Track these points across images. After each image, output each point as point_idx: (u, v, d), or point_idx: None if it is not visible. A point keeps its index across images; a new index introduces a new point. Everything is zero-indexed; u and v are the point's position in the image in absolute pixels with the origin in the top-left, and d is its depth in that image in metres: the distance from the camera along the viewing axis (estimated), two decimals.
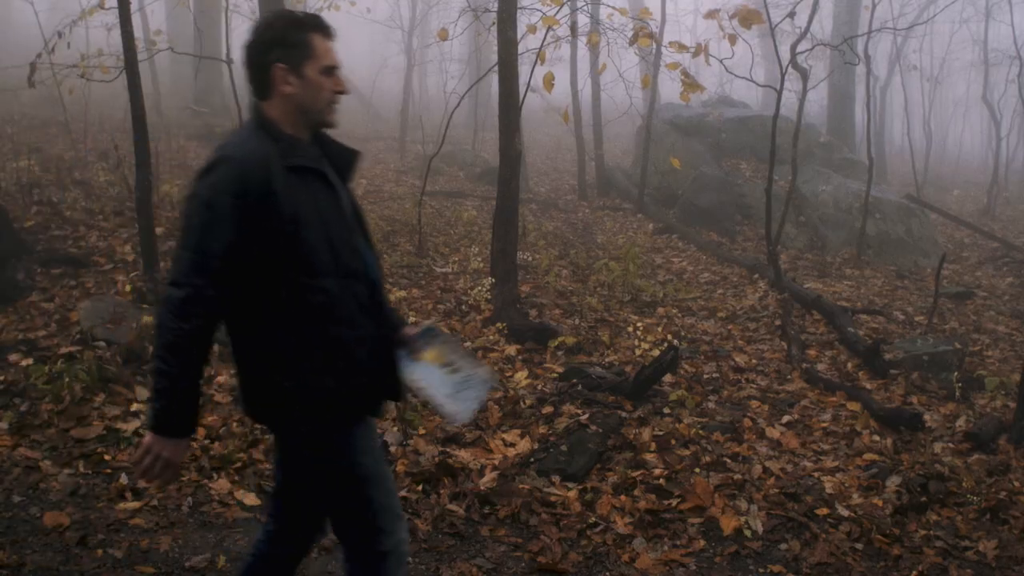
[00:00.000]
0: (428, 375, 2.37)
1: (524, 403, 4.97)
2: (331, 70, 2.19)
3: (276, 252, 2.08)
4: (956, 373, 5.91)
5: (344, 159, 2.30)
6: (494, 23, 6.83)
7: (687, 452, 4.51)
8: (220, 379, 5.01)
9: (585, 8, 10.14)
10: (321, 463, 2.24)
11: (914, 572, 3.58)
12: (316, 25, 2.19)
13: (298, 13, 2.23)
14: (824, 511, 4.02)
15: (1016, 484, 4.38)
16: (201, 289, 2.03)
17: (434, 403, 2.38)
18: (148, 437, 2.08)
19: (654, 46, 9.98)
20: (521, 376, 5.37)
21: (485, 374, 2.46)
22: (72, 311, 5.47)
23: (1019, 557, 3.76)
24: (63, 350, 4.90)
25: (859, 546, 3.76)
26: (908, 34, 17.14)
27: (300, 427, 2.20)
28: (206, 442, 4.28)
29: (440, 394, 2.35)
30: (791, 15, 8.34)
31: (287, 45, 2.15)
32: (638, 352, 6.00)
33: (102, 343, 4.98)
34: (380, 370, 2.27)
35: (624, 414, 4.87)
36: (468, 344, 5.89)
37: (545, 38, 7.49)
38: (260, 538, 2.43)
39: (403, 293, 6.58)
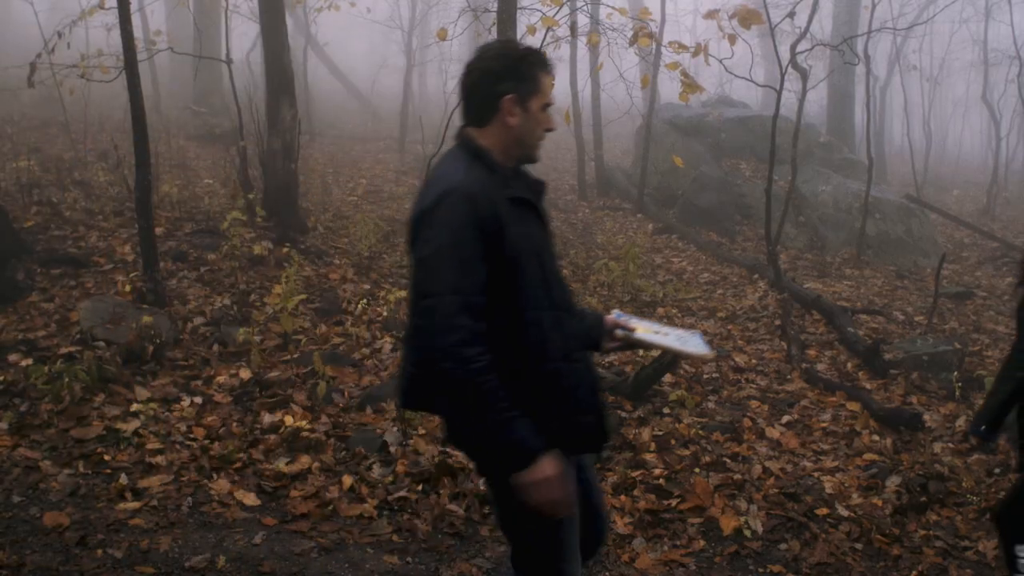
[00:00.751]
0: (654, 338, 2.48)
1: None
2: (548, 107, 2.20)
3: (499, 285, 2.03)
4: (956, 373, 5.91)
5: (537, 190, 2.27)
6: (494, 23, 6.83)
7: (687, 452, 4.51)
8: (220, 379, 5.01)
9: (585, 8, 10.14)
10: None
11: (914, 572, 3.58)
12: (543, 62, 2.20)
13: (527, 47, 2.24)
14: (824, 511, 4.03)
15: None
16: (472, 328, 1.97)
17: (678, 352, 2.48)
18: (519, 478, 2.01)
19: (654, 46, 9.98)
20: None
21: (687, 330, 2.59)
22: (72, 311, 5.47)
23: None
24: (63, 350, 4.90)
25: (859, 546, 3.77)
26: (908, 34, 17.13)
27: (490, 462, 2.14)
28: (206, 442, 4.28)
29: (677, 345, 2.47)
30: (791, 15, 8.34)
31: (518, 78, 2.14)
32: (638, 352, 6.00)
33: (102, 343, 4.98)
34: (591, 409, 2.20)
35: (624, 414, 4.87)
36: None
37: (545, 38, 7.49)
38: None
39: (403, 293, 6.58)
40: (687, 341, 2.50)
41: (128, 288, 5.89)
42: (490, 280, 2.01)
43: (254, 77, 13.17)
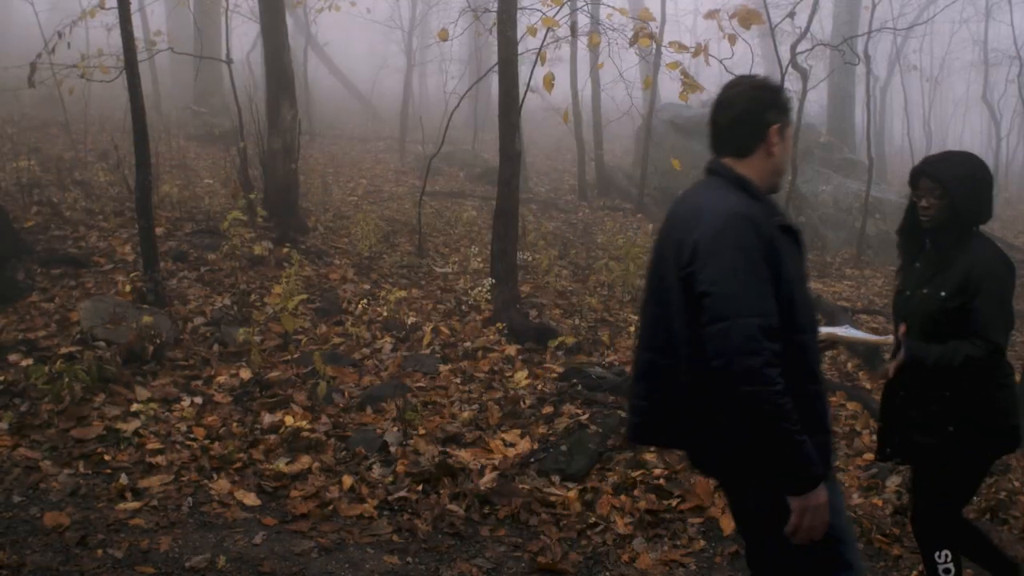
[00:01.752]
0: (848, 332, 3.03)
1: (524, 403, 4.97)
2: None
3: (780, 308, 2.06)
4: None
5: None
6: (494, 23, 6.83)
7: None
8: (220, 379, 5.01)
9: (585, 8, 10.14)
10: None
11: (914, 572, 3.57)
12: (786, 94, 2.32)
13: (776, 82, 2.29)
14: None
15: (1016, 484, 4.38)
16: (772, 349, 1.99)
17: (872, 342, 3.23)
18: (798, 502, 2.04)
19: (654, 46, 9.98)
20: (521, 376, 5.36)
21: (840, 327, 3.13)
22: (72, 311, 5.47)
23: (1019, 557, 3.76)
24: (63, 350, 4.90)
25: (859, 546, 3.76)
26: (908, 34, 17.13)
27: (773, 484, 2.14)
28: (206, 442, 4.28)
29: (862, 336, 3.17)
30: (791, 15, 8.35)
31: (780, 108, 2.22)
32: None
33: (102, 343, 4.98)
34: (829, 429, 2.21)
35: (624, 414, 4.87)
36: (468, 344, 5.89)
37: (545, 38, 7.49)
38: None
39: (403, 293, 6.58)
40: (855, 333, 3.11)
41: (128, 288, 5.88)
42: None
43: (254, 77, 13.17)
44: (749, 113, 2.20)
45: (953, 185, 2.75)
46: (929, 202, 2.80)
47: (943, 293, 2.75)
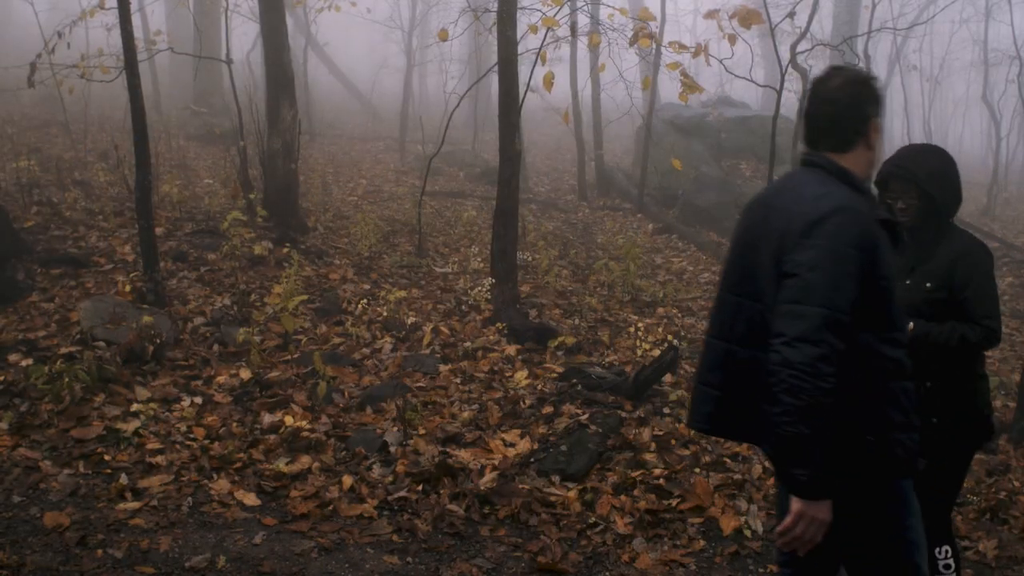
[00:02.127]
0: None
1: (524, 403, 4.97)
2: None
3: (868, 305, 2.07)
4: None
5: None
6: (494, 23, 6.83)
7: (687, 452, 4.51)
8: (220, 379, 5.01)
9: (585, 8, 10.14)
10: (871, 524, 2.18)
11: None
12: None
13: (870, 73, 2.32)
14: None
15: (1016, 484, 4.38)
16: (834, 346, 1.98)
17: None
18: (798, 505, 2.04)
19: (654, 46, 9.98)
20: (521, 376, 5.37)
21: None
22: (72, 311, 5.47)
23: (1019, 557, 3.76)
24: (63, 350, 4.90)
25: None
26: (908, 34, 17.13)
27: (862, 484, 2.14)
28: (206, 442, 4.28)
29: None
30: (791, 15, 8.34)
31: (879, 102, 2.25)
32: (638, 352, 6.00)
33: (102, 343, 4.98)
34: (916, 427, 2.21)
35: (624, 414, 4.87)
36: (468, 344, 5.89)
37: (545, 38, 7.50)
38: None
39: (403, 293, 6.58)
40: None
41: (128, 288, 5.88)
42: (859, 300, 2.04)
43: (254, 77, 13.18)
44: (852, 108, 2.21)
45: (928, 183, 2.80)
46: (906, 203, 2.85)
47: (928, 284, 2.82)
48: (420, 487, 3.99)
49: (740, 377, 2.24)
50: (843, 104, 2.21)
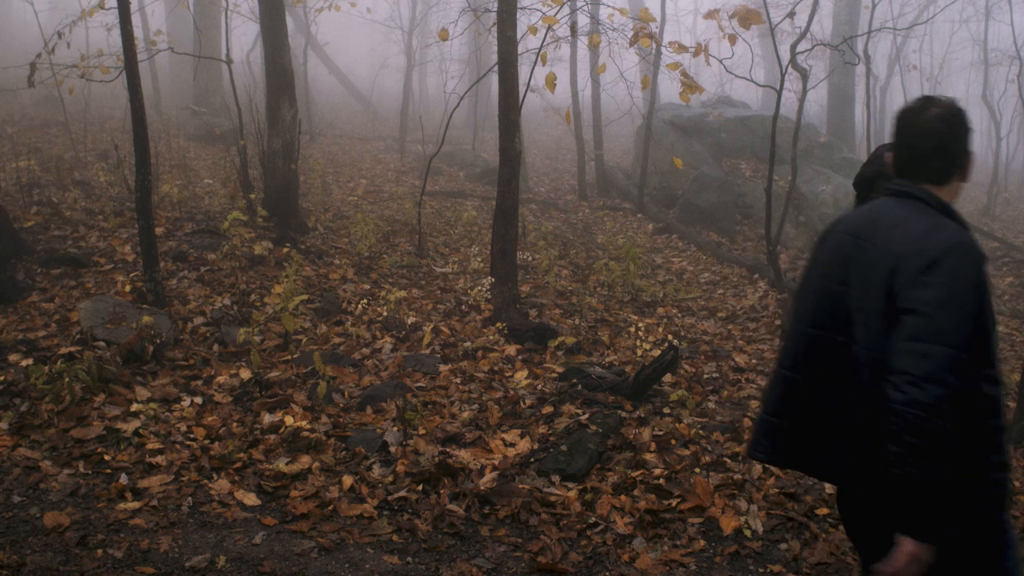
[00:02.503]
0: None
1: (524, 403, 4.97)
2: None
3: (975, 342, 2.03)
4: None
5: None
6: (494, 23, 6.83)
7: (687, 452, 4.51)
8: (220, 379, 5.01)
9: (585, 8, 10.14)
10: (973, 558, 2.16)
11: None
12: None
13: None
14: (824, 511, 4.02)
15: (1016, 484, 4.38)
16: (958, 386, 1.96)
17: None
18: (911, 546, 2.00)
19: (654, 46, 9.99)
20: (521, 376, 5.37)
21: None
22: (72, 311, 5.47)
23: (1019, 557, 3.76)
24: (63, 350, 4.90)
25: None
26: (908, 34, 17.14)
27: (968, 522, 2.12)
28: (206, 442, 4.28)
29: None
30: (791, 15, 8.34)
31: (970, 135, 2.21)
32: (638, 352, 6.00)
33: (102, 343, 4.98)
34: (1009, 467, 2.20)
35: (624, 414, 4.87)
36: (468, 344, 5.89)
37: (545, 38, 7.50)
38: None
39: (403, 293, 6.58)
40: None
41: (128, 288, 5.89)
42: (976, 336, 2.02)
43: (254, 77, 13.19)
44: (955, 140, 2.17)
45: None
46: None
47: None
48: (420, 487, 3.99)
49: (813, 412, 2.23)
50: (946, 138, 2.16)
